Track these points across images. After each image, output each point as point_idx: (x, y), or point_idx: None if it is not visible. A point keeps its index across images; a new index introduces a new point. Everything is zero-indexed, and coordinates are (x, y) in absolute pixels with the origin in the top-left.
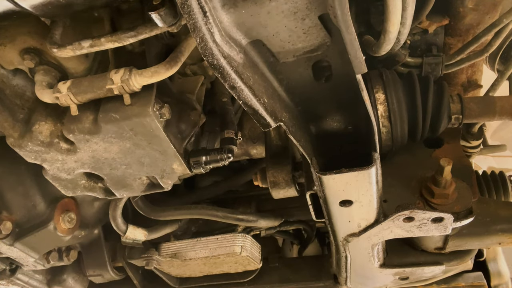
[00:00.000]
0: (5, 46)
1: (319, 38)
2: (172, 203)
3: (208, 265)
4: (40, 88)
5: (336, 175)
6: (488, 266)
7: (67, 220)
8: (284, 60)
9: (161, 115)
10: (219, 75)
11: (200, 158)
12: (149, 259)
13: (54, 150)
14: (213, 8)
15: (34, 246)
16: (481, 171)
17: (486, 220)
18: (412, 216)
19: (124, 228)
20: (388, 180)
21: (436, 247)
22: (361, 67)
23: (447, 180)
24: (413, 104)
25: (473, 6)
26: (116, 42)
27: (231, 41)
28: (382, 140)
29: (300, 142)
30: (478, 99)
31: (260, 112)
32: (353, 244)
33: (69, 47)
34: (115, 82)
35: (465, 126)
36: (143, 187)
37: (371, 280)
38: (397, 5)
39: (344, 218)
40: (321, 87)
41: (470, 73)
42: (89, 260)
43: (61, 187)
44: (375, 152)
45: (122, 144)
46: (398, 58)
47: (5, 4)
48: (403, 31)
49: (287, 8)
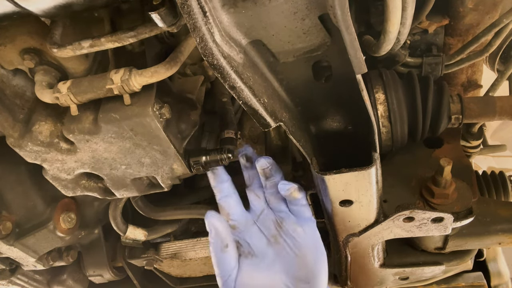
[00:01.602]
0: (5, 46)
1: (319, 38)
2: (172, 203)
3: (208, 265)
4: (40, 88)
5: (336, 175)
6: (488, 266)
7: (67, 220)
8: (284, 60)
9: (161, 115)
10: (219, 75)
11: (200, 158)
12: (149, 259)
13: (54, 150)
14: (213, 8)
15: (34, 246)
16: (481, 171)
17: (486, 220)
18: (412, 216)
19: (124, 228)
20: (388, 180)
21: (436, 247)
22: (361, 67)
23: (447, 180)
24: (413, 104)
25: (473, 6)
26: (116, 42)
27: (231, 41)
28: (382, 140)
29: (300, 142)
30: (478, 99)
31: (260, 112)
32: (353, 244)
33: (69, 47)
34: (115, 82)
35: (465, 126)
36: (143, 187)
37: (371, 280)
38: (397, 5)
39: (344, 218)
40: (321, 87)
41: (470, 73)
42: (89, 260)
43: (61, 187)
44: (375, 152)
45: (122, 144)
46: (398, 58)
47: (5, 4)
48: (403, 31)
49: (287, 8)
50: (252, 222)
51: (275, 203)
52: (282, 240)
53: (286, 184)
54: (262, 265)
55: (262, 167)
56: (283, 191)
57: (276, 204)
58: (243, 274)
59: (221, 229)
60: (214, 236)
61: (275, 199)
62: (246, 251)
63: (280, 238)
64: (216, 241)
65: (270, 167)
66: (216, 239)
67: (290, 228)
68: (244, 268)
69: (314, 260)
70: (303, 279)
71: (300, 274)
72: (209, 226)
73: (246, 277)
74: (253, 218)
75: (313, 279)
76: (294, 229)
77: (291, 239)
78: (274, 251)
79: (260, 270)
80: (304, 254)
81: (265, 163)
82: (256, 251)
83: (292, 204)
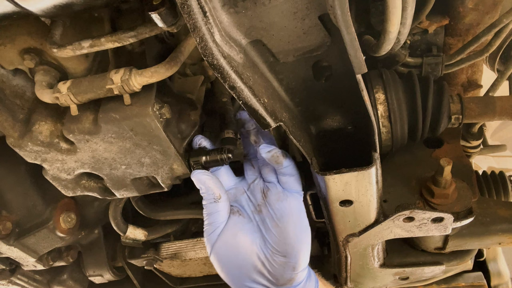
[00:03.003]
0: (5, 46)
1: (319, 38)
2: (172, 203)
3: (208, 265)
4: (40, 88)
5: (336, 175)
6: (488, 266)
7: (67, 220)
8: (284, 60)
9: (161, 115)
10: (219, 75)
11: (200, 158)
12: (149, 259)
13: (54, 150)
14: (213, 8)
15: (34, 246)
16: (481, 171)
17: (486, 220)
18: (412, 216)
19: (124, 228)
20: (388, 180)
21: (436, 247)
22: (361, 67)
23: (447, 180)
24: (413, 104)
25: (473, 6)
26: (116, 42)
27: (231, 41)
28: (382, 140)
29: (300, 142)
30: (478, 99)
31: (260, 112)
32: (353, 244)
33: (69, 47)
34: (115, 82)
35: (465, 126)
36: (143, 187)
37: (371, 280)
38: (397, 5)
39: (344, 218)
40: (321, 87)
41: (470, 73)
42: (89, 260)
43: (61, 187)
44: (375, 152)
45: (122, 144)
46: (398, 58)
47: (5, 4)
48: (403, 31)
49: (287, 8)
50: (243, 191)
51: (267, 173)
52: (265, 210)
53: (267, 147)
54: (248, 226)
55: (248, 128)
56: (264, 153)
57: (267, 174)
58: (228, 231)
59: (211, 183)
60: (205, 190)
61: (267, 169)
62: (235, 209)
63: (264, 208)
64: (208, 193)
65: (255, 129)
66: (208, 192)
67: (274, 198)
68: (230, 224)
69: (295, 234)
70: (280, 252)
71: (278, 246)
72: (198, 183)
73: (230, 234)
74: (244, 187)
75: (291, 253)
76: (278, 200)
77: (274, 209)
78: (259, 219)
79: (244, 231)
80: (285, 226)
81: (251, 125)
82: (245, 215)
83: (280, 174)
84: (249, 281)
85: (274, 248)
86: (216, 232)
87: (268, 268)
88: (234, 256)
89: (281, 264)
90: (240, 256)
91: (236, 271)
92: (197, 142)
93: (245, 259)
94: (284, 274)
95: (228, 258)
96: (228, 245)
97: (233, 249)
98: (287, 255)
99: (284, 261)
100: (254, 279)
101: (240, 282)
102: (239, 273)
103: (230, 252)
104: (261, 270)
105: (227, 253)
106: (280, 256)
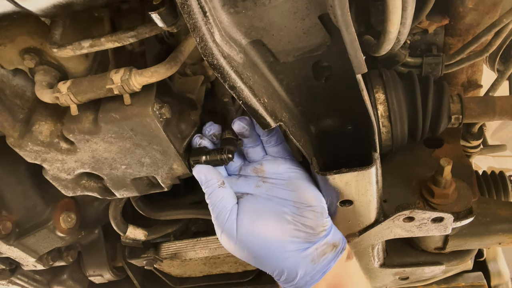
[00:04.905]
0: (5, 46)
1: (319, 38)
2: (172, 203)
3: (208, 265)
4: (40, 88)
5: (336, 175)
6: (488, 266)
7: (67, 220)
8: (284, 60)
9: (161, 115)
10: (219, 75)
11: (200, 158)
12: (149, 259)
13: (54, 150)
14: (213, 8)
15: (34, 246)
16: (481, 171)
17: (486, 220)
18: (412, 216)
19: (124, 228)
20: (388, 180)
21: (436, 247)
22: (361, 67)
23: (447, 180)
24: (413, 104)
25: (473, 6)
26: (116, 42)
27: (231, 41)
28: (382, 140)
29: (300, 142)
30: (478, 99)
31: (260, 112)
32: (353, 244)
33: (69, 47)
34: (115, 82)
35: (465, 126)
36: (143, 187)
37: (371, 280)
38: (397, 5)
39: (344, 218)
40: (321, 87)
41: (470, 73)
42: (89, 260)
43: (61, 187)
44: (375, 152)
45: (122, 144)
46: (398, 58)
47: (5, 4)
48: (403, 31)
49: (287, 8)
50: (237, 177)
51: (253, 154)
52: (270, 180)
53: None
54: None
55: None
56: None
57: (254, 154)
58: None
59: (211, 173)
60: (208, 178)
61: (253, 151)
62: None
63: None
64: (211, 181)
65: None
66: (211, 180)
67: (273, 167)
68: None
69: (309, 184)
70: (304, 203)
71: (300, 199)
72: (198, 175)
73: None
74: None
75: (313, 200)
76: (278, 167)
77: (278, 174)
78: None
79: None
80: (296, 181)
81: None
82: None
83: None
84: (290, 248)
85: (298, 203)
86: (231, 218)
87: (301, 224)
88: (262, 234)
89: (312, 213)
90: (270, 230)
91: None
92: (197, 142)
93: (275, 230)
94: (318, 221)
95: (258, 239)
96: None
97: (258, 227)
98: (312, 204)
99: (312, 210)
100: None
101: (281, 254)
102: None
103: (256, 232)
104: (296, 232)
105: (253, 233)
106: (306, 207)
